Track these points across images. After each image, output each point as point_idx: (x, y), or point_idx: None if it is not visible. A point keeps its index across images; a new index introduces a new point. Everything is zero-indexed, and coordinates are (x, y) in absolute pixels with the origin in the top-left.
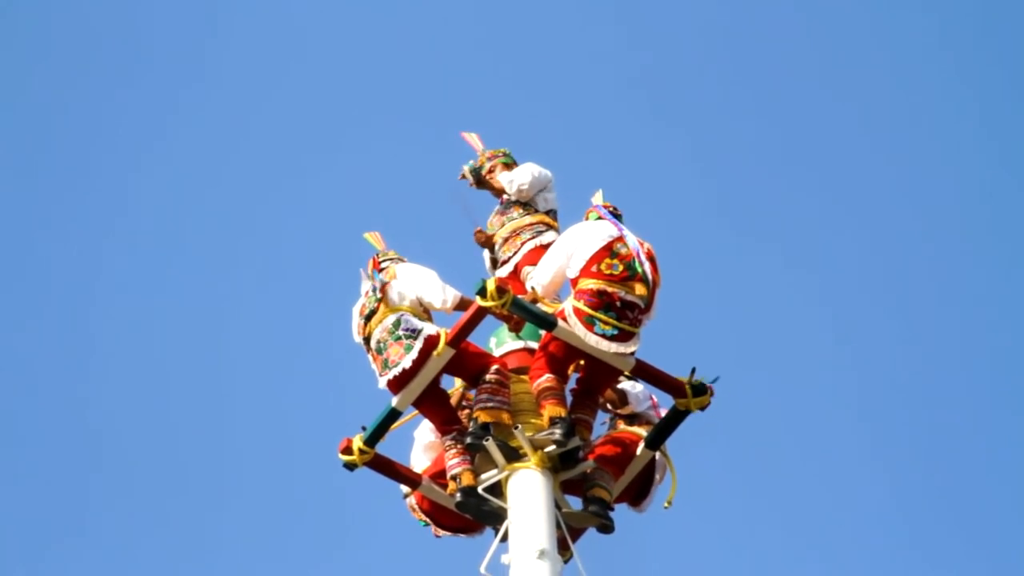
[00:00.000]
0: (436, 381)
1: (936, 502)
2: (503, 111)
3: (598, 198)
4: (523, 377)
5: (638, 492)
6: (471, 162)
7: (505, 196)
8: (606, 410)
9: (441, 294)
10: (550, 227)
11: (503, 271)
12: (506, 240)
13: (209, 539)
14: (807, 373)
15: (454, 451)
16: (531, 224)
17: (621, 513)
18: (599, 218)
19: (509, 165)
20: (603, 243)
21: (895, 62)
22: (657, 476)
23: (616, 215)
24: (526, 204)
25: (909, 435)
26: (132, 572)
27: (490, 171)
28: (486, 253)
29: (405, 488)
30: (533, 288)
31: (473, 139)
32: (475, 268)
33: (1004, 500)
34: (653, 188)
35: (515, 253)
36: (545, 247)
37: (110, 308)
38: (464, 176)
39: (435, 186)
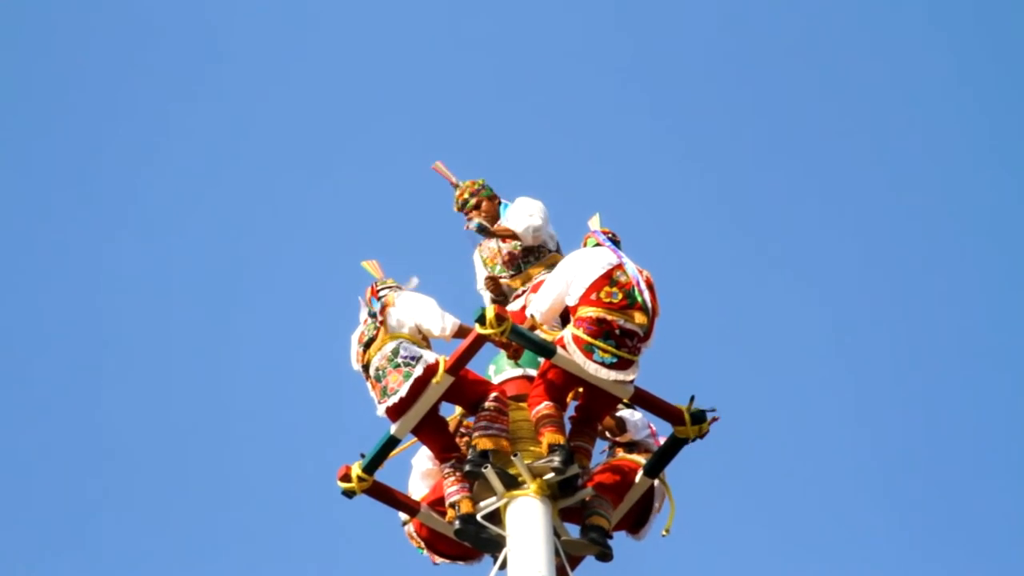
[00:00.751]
0: (435, 409)
1: (948, 526)
2: (503, 120)
3: (595, 223)
4: (522, 404)
5: (636, 520)
6: (477, 220)
7: (517, 245)
8: (605, 438)
9: (440, 321)
10: None
11: (516, 304)
12: (523, 283)
13: (205, 565)
14: (808, 399)
15: (453, 479)
16: (546, 266)
17: (620, 541)
18: (597, 244)
19: (492, 198)
20: (602, 271)
21: (896, 63)
22: (656, 504)
23: (614, 241)
24: (539, 247)
25: (915, 459)
26: None
27: (473, 209)
28: (488, 295)
29: (404, 515)
30: (532, 315)
31: (444, 170)
32: (474, 296)
33: (1008, 506)
34: (650, 198)
35: (528, 289)
36: None
37: (112, 312)
38: (469, 228)
39: (433, 213)
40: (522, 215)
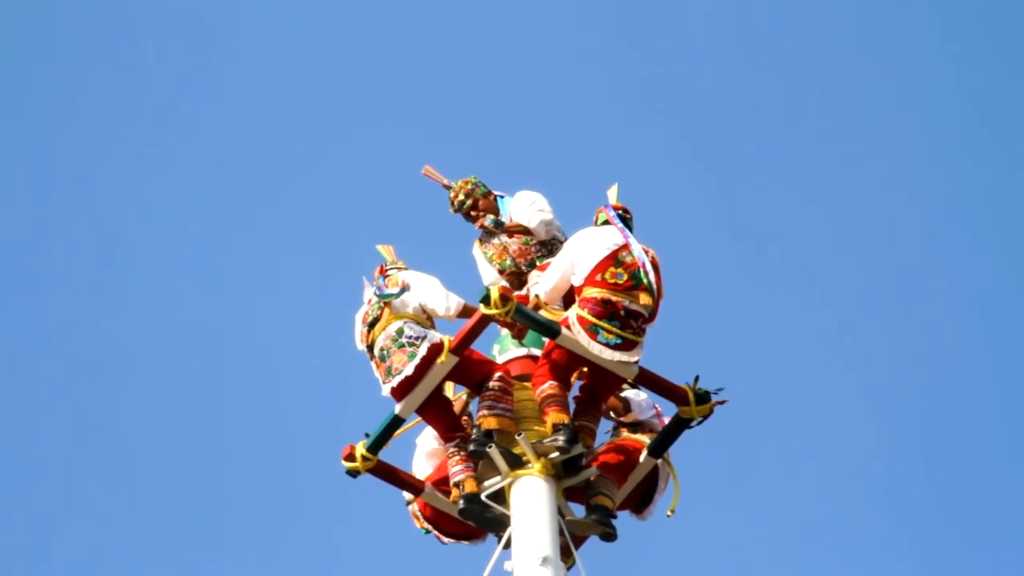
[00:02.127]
0: (439, 388)
1: (947, 517)
2: (504, 113)
3: (613, 195)
4: (526, 384)
5: (641, 500)
6: (491, 217)
7: (529, 241)
8: (609, 418)
9: (445, 301)
10: None
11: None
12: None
13: (210, 545)
14: (810, 380)
15: (457, 458)
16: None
17: (624, 521)
18: (606, 221)
19: (487, 194)
20: (608, 251)
21: (896, 63)
22: (660, 484)
23: (625, 218)
24: (551, 240)
25: (914, 444)
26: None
27: (472, 209)
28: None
29: (408, 495)
30: (536, 295)
31: (434, 173)
32: (477, 277)
33: (1008, 506)
34: (652, 190)
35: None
36: None
37: (114, 312)
38: (484, 226)
39: (437, 192)
40: (532, 210)
